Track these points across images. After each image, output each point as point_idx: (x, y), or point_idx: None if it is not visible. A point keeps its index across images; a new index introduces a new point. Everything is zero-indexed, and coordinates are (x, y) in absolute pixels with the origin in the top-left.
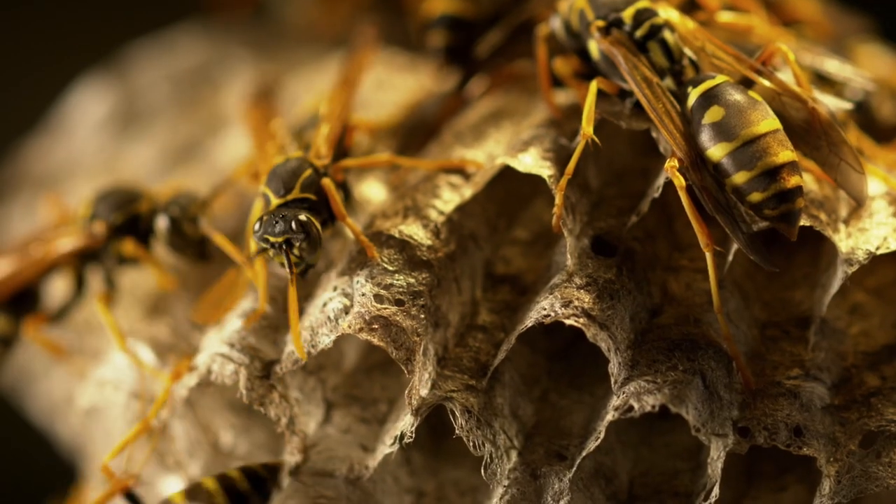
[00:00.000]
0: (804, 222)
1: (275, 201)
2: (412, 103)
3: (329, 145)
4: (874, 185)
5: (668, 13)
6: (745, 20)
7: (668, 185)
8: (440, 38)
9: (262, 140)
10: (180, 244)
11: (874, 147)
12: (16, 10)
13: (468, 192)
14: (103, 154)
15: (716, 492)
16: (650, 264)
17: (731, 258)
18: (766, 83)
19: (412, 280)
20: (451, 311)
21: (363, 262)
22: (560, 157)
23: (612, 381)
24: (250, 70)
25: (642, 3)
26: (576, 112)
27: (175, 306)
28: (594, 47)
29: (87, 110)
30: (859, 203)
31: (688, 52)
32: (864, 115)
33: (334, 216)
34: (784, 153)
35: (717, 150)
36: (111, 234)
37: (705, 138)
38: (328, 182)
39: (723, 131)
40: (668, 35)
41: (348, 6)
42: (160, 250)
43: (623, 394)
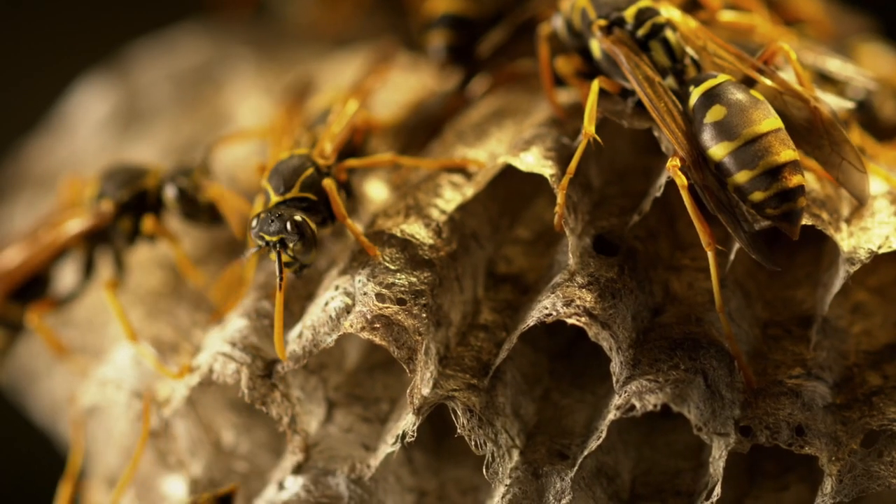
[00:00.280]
0: (806, 221)
1: (274, 198)
2: (414, 102)
3: (334, 146)
4: (876, 184)
5: (669, 12)
6: (746, 19)
7: (670, 184)
8: (442, 37)
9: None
10: (192, 211)
11: (876, 146)
12: (17, 9)
13: (470, 191)
14: (105, 153)
15: (717, 491)
16: (652, 263)
17: (732, 257)
18: (768, 82)
19: (414, 279)
20: (453, 310)
21: (365, 262)
22: (562, 157)
23: (614, 380)
24: (252, 69)
25: (644, 3)
26: (578, 111)
27: (176, 305)
28: (596, 46)
29: (89, 109)
30: (861, 202)
31: (690, 51)
32: (865, 114)
33: (333, 216)
34: (786, 152)
35: (718, 149)
36: (119, 212)
37: (707, 137)
38: (329, 183)
39: (725, 130)
40: (669, 34)
41: (349, 5)
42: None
43: (625, 393)
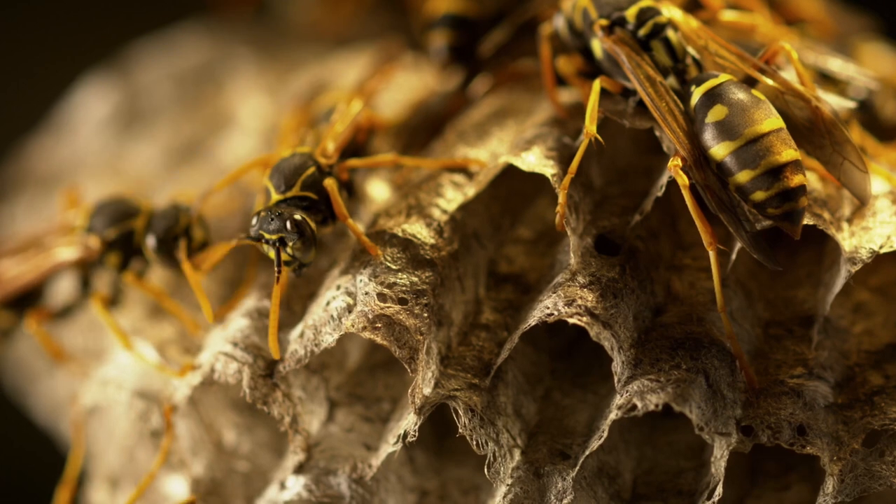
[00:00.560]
0: (807, 221)
1: (275, 197)
2: (416, 102)
3: (337, 145)
4: (878, 184)
5: (671, 12)
6: (748, 19)
7: (672, 183)
8: (443, 37)
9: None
10: (170, 262)
11: (877, 146)
12: (19, 9)
13: (471, 190)
14: (106, 153)
15: (719, 490)
16: (653, 263)
17: (734, 257)
18: (770, 82)
19: (415, 279)
20: (455, 309)
21: (366, 261)
22: (563, 156)
23: (616, 379)
24: (253, 69)
25: (645, 2)
26: (579, 111)
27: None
28: (597, 46)
29: (91, 109)
30: (863, 202)
31: (691, 50)
32: (867, 114)
33: (333, 215)
34: (787, 152)
35: (720, 149)
36: (105, 249)
37: (708, 137)
38: (330, 183)
39: (726, 130)
40: (671, 34)
41: (351, 5)
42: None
43: (626, 392)
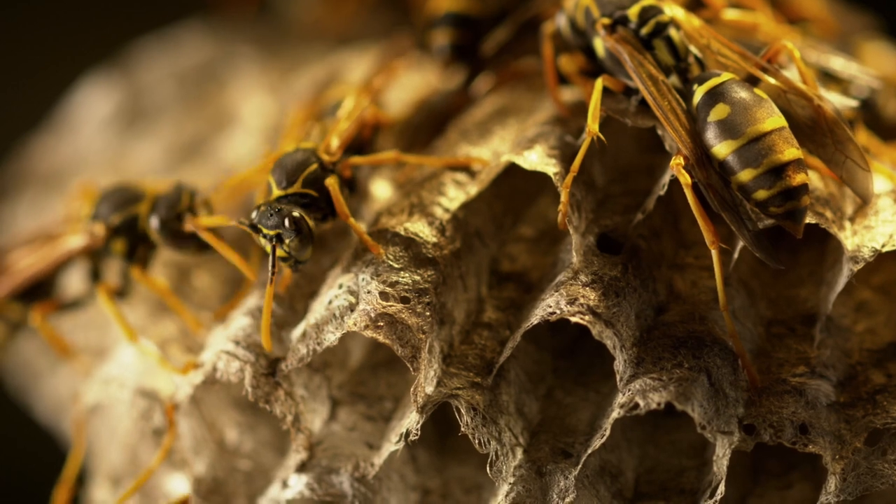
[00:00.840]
0: (810, 220)
1: (275, 192)
2: (418, 100)
3: (341, 142)
4: (880, 183)
5: (673, 11)
6: (750, 17)
7: (674, 182)
8: (446, 35)
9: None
10: (175, 242)
11: (880, 144)
12: (21, 8)
13: (473, 189)
14: (108, 152)
15: (721, 489)
16: (656, 262)
17: (736, 256)
18: (772, 81)
19: (417, 277)
20: (457, 308)
21: (369, 260)
22: (565, 155)
23: (618, 378)
24: (255, 67)
25: (648, 1)
26: (581, 109)
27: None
28: (600, 45)
29: (93, 108)
30: (865, 201)
31: (693, 49)
32: (869, 113)
33: (333, 212)
34: (790, 151)
35: (722, 148)
36: (111, 235)
37: (711, 136)
38: (332, 182)
39: (728, 129)
40: (673, 32)
41: (353, 4)
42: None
43: (628, 391)
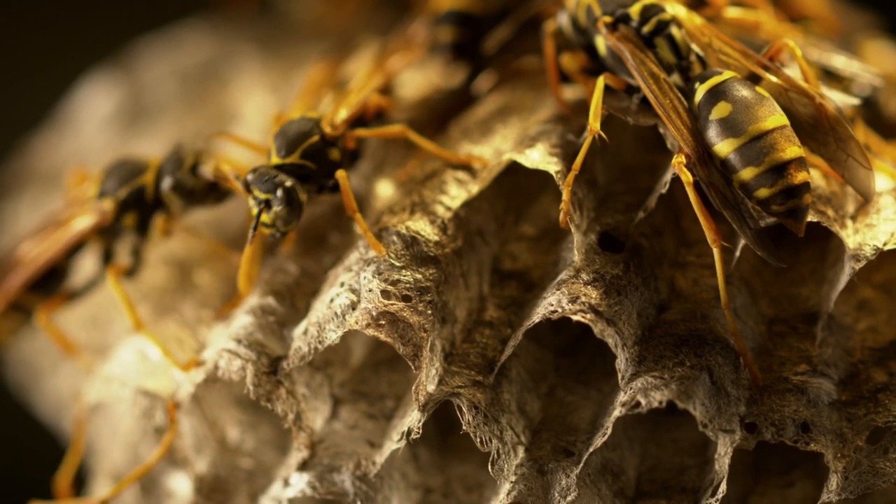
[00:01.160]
0: (811, 218)
1: (274, 159)
2: (420, 99)
3: (346, 117)
4: (882, 181)
5: (675, 9)
6: (752, 16)
7: (676, 180)
8: (448, 34)
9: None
10: (192, 198)
11: (881, 143)
12: (22, 6)
13: (475, 187)
14: (110, 150)
15: (723, 488)
16: (657, 260)
17: (738, 254)
18: (774, 79)
19: (419, 276)
20: (459, 306)
21: (370, 259)
22: (567, 153)
23: (620, 376)
24: (257, 66)
25: None
26: (583, 108)
27: (182, 302)
28: (601, 43)
29: (94, 106)
30: (867, 199)
31: (695, 47)
32: (871, 111)
33: (330, 186)
34: (791, 149)
35: (724, 146)
36: (120, 210)
37: (713, 134)
38: (343, 176)
39: (730, 127)
40: (675, 31)
41: (354, 2)
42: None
43: (630, 389)
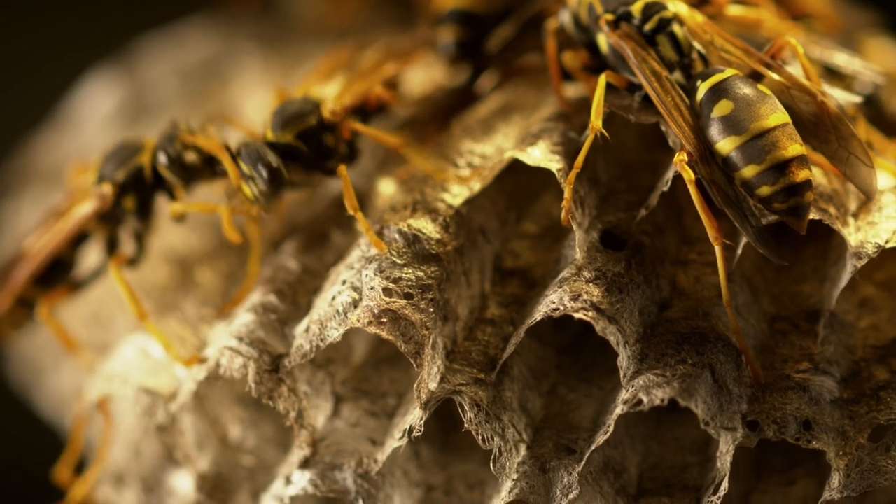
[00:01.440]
0: (813, 216)
1: (268, 134)
2: (423, 97)
3: (347, 105)
4: (883, 179)
5: (676, 7)
6: (754, 14)
7: (678, 178)
8: (451, 32)
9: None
10: (189, 173)
11: (883, 140)
12: (24, 4)
13: (477, 185)
14: None
15: (725, 485)
16: (659, 258)
17: (740, 252)
18: (776, 77)
19: (421, 274)
20: (460, 304)
21: (372, 256)
22: (569, 151)
23: (621, 374)
24: (258, 64)
25: None
26: (585, 106)
27: (183, 300)
28: (603, 41)
29: (96, 104)
30: (868, 197)
31: (697, 45)
32: (873, 109)
33: (322, 168)
34: (793, 147)
35: (726, 144)
36: (119, 193)
37: (714, 132)
38: (345, 173)
39: (732, 125)
40: (677, 29)
41: (356, 0)
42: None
43: (632, 387)
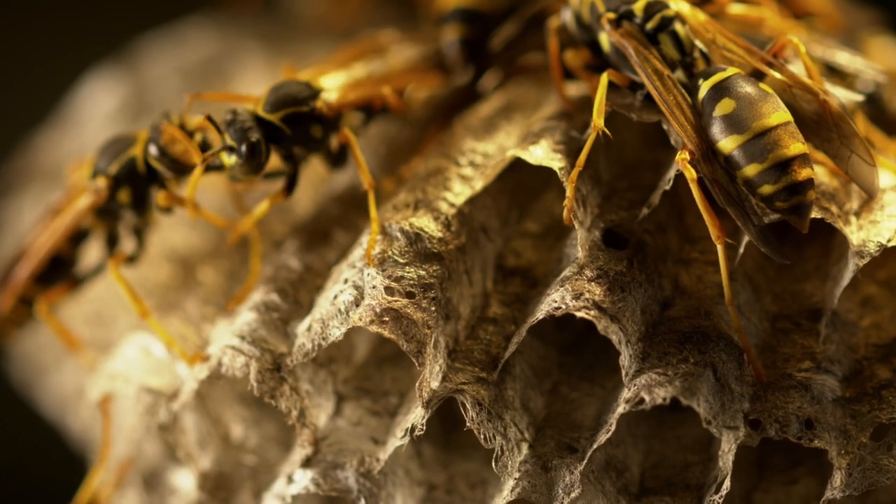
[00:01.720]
0: (815, 214)
1: (258, 110)
2: (425, 96)
3: (343, 102)
4: (885, 178)
5: (678, 5)
6: (756, 12)
7: (680, 177)
8: (455, 31)
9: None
10: (178, 167)
11: (885, 139)
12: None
13: (479, 184)
14: None
15: (727, 484)
16: (661, 257)
17: (742, 250)
18: (777, 75)
19: (423, 272)
20: (462, 303)
21: (374, 255)
22: (571, 150)
23: (623, 373)
24: (260, 63)
25: None
26: (587, 104)
27: (185, 299)
28: (605, 39)
29: (98, 103)
30: (870, 195)
31: (699, 44)
32: (874, 108)
33: (306, 153)
34: (795, 145)
35: (728, 143)
36: (113, 186)
37: (716, 130)
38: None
39: (734, 123)
40: (678, 27)
41: None
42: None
43: (634, 386)
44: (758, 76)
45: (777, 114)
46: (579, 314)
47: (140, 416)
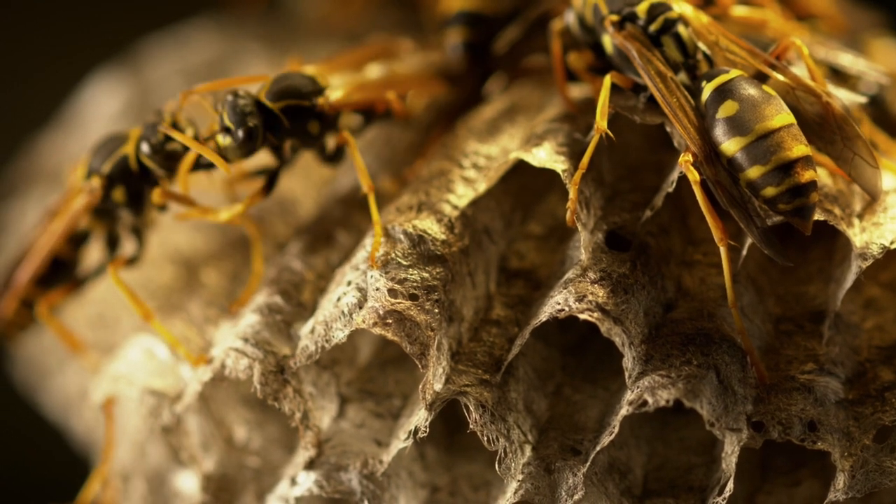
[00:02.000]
0: (818, 217)
1: (259, 95)
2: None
3: (345, 102)
4: (888, 180)
5: (682, 7)
6: (759, 14)
7: (683, 179)
8: (459, 34)
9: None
10: (170, 164)
11: (888, 141)
12: (29, 5)
13: (482, 186)
14: None
15: (730, 486)
16: (664, 259)
17: (745, 253)
18: (780, 77)
19: (426, 275)
20: (465, 305)
21: (377, 257)
22: (574, 152)
23: (627, 375)
24: (263, 64)
25: None
26: (590, 106)
27: (189, 301)
28: (608, 42)
29: (101, 104)
30: (873, 197)
31: (702, 46)
32: (878, 110)
33: (300, 146)
34: (798, 148)
35: (731, 145)
36: (107, 185)
37: (719, 133)
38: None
39: (737, 126)
40: (682, 29)
41: (361, 1)
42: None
43: (637, 388)
44: (761, 78)
45: (780, 116)
46: (582, 316)
47: (143, 419)
